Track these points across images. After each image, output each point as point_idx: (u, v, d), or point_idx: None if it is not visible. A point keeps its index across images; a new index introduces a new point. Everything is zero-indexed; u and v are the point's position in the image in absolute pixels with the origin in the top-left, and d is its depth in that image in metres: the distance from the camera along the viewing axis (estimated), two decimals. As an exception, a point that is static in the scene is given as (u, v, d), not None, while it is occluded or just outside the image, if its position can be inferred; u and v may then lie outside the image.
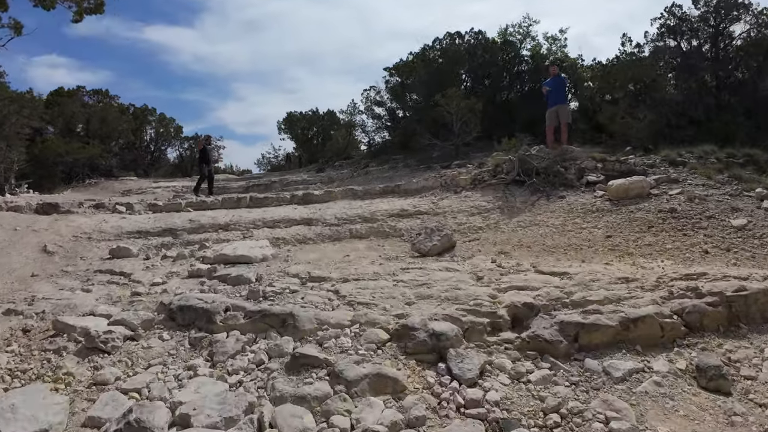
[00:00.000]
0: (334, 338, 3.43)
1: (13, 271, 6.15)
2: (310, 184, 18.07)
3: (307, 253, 7.17)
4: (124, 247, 7.11)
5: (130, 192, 18.32)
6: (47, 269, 6.38)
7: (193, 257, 6.63)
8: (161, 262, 6.58)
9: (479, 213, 8.26)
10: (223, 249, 6.33)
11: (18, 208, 9.75)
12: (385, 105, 20.53)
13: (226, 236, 8.77)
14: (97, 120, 22.57)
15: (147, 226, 9.35)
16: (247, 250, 6.15)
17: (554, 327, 3.64)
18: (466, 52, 19.73)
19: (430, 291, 4.15)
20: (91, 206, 10.58)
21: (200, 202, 11.44)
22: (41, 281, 5.87)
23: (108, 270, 6.24)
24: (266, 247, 6.51)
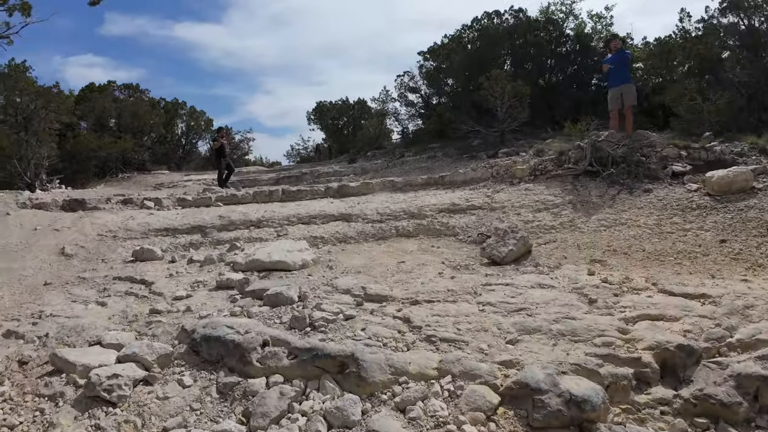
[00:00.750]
0: (421, 400, 2.39)
1: (24, 278, 5.36)
2: (343, 176, 17.10)
3: (351, 256, 6.15)
4: (148, 248, 6.26)
5: (162, 186, 17.78)
6: (63, 275, 5.57)
7: (222, 262, 5.70)
8: (187, 267, 5.68)
9: (547, 209, 7.06)
10: (256, 253, 5.37)
11: (43, 205, 9.09)
12: (419, 91, 19.31)
13: (259, 234, 7.86)
14: (129, 114, 22.15)
15: (175, 222, 8.54)
16: (284, 254, 5.16)
17: (729, 382, 2.49)
18: (506, 32, 18.26)
19: (535, 321, 3.06)
20: (118, 202, 9.85)
21: (231, 196, 10.58)
22: (53, 291, 5.05)
23: (128, 277, 5.38)
24: (305, 251, 5.52)
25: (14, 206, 8.62)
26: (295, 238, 7.35)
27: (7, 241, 6.30)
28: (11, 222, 7.17)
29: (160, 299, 4.45)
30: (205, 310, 4.07)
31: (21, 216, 7.55)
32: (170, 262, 6.16)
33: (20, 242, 6.42)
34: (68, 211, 9.15)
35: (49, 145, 15.15)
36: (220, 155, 14.76)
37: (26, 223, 7.32)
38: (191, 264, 5.84)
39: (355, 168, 18.08)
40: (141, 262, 6.06)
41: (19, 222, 7.20)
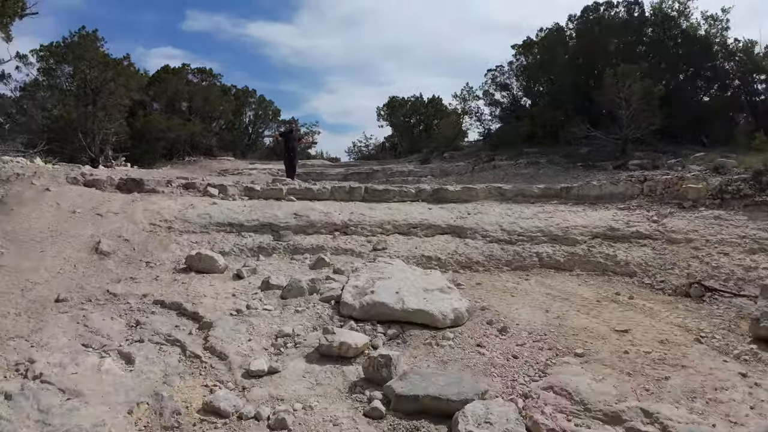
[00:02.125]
0: None
1: (32, 287, 3.58)
2: (421, 176, 14.97)
3: (506, 300, 4.01)
4: (207, 255, 4.37)
5: (227, 172, 16.38)
6: (87, 287, 3.76)
7: (316, 294, 3.69)
8: (263, 297, 3.72)
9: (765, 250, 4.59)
10: (375, 288, 3.33)
11: (96, 183, 7.55)
12: (510, 88, 16.82)
13: (348, 244, 5.86)
14: (200, 98, 21.16)
15: (241, 216, 6.75)
16: (422, 297, 3.11)
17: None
18: (619, 26, 15.45)
19: None
20: (180, 186, 8.18)
21: (305, 190, 8.68)
22: (64, 316, 3.22)
23: (175, 304, 3.48)
24: (449, 290, 3.42)
25: (62, 181, 7.09)
26: (401, 255, 5.27)
27: (30, 226, 4.61)
28: (47, 201, 5.52)
29: (223, 369, 2.51)
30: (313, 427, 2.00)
31: (62, 194, 5.92)
32: (236, 277, 4.24)
33: (48, 229, 4.71)
34: (123, 191, 7.56)
35: (117, 121, 14.08)
36: (288, 146, 13.20)
37: (65, 203, 5.66)
38: (268, 292, 3.84)
39: (432, 169, 15.90)
40: (196, 275, 4.18)
41: (56, 201, 5.54)
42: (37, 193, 5.84)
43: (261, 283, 3.93)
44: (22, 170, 6.70)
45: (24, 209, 5.06)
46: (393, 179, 14.82)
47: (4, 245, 4.13)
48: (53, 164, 9.52)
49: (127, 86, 13.18)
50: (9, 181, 6.00)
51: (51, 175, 7.27)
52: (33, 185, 6.24)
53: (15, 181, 6.14)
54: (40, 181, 6.52)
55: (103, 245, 4.54)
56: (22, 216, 4.88)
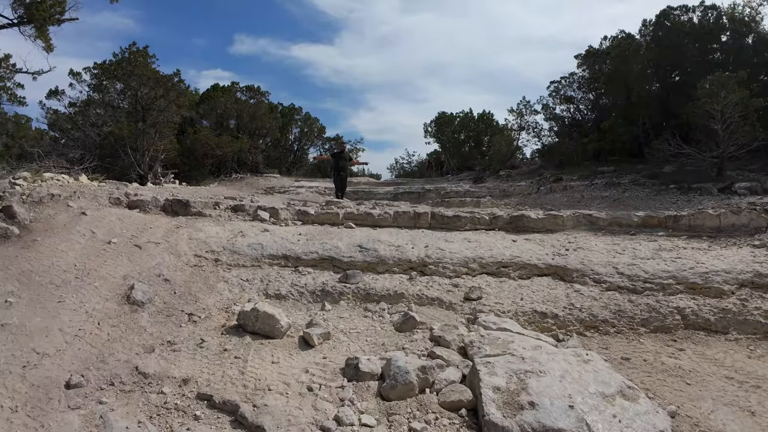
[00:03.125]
0: None
1: (37, 360, 2.60)
2: (478, 197, 13.67)
3: (682, 389, 2.78)
4: (265, 314, 3.30)
5: (273, 189, 15.67)
6: (110, 360, 2.74)
7: (431, 392, 2.55)
8: (356, 399, 2.55)
9: None
10: (530, 390, 2.17)
11: (140, 204, 6.74)
12: (576, 101, 15.34)
13: (431, 289, 4.69)
14: (248, 115, 20.82)
15: (297, 247, 5.70)
16: (608, 417, 1.85)
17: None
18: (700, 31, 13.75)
19: None
20: (228, 208, 7.28)
21: (365, 214, 7.60)
22: (75, 413, 2.21)
23: (227, 404, 2.42)
24: (633, 393, 2.17)
25: (103, 202, 6.29)
26: (507, 311, 4.04)
27: (53, 263, 3.69)
28: (81, 228, 4.63)
29: None
30: None
31: (99, 219, 5.04)
32: (304, 344, 3.15)
33: (74, 267, 3.77)
34: (168, 213, 6.72)
35: (167, 138, 13.66)
36: (338, 165, 12.33)
37: (101, 230, 4.77)
38: (360, 385, 2.63)
39: (489, 189, 14.57)
40: (252, 339, 3.11)
41: (91, 228, 4.65)
42: (70, 218, 4.98)
43: (345, 366, 2.76)
44: (60, 190, 5.91)
45: (50, 239, 4.16)
46: (448, 200, 13.60)
47: (15, 291, 3.19)
48: (99, 182, 8.93)
49: (178, 102, 12.70)
50: (41, 203, 5.18)
51: (93, 195, 6.50)
52: (69, 208, 5.41)
53: (49, 202, 5.32)
54: (78, 203, 5.70)
55: (137, 292, 3.55)
56: (47, 248, 3.98)
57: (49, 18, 7.20)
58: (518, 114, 18.15)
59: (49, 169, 8.18)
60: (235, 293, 4.46)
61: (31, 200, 5.34)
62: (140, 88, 11.38)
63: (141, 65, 11.23)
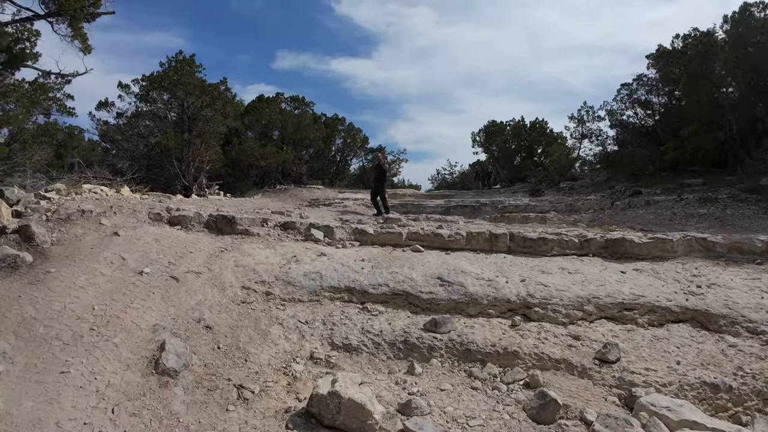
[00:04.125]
0: None
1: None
2: (542, 212, 12.22)
3: None
4: (352, 402, 2.23)
5: (318, 202, 14.81)
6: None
7: None
8: None
9: None
10: None
11: (182, 220, 5.90)
12: (652, 106, 13.67)
13: (546, 343, 3.49)
14: (292, 125, 20.26)
15: (362, 278, 4.63)
16: None
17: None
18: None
19: None
20: (277, 226, 6.34)
21: (432, 235, 6.46)
22: None
23: None
24: None
25: (142, 218, 5.46)
26: (666, 383, 2.76)
27: (65, 306, 2.77)
28: (109, 253, 3.73)
29: None
30: None
31: (133, 241, 4.13)
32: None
33: (92, 311, 2.84)
34: (212, 231, 5.83)
35: (213, 149, 13.11)
36: (381, 178, 11.16)
37: (134, 255, 3.85)
38: None
39: (553, 203, 13.08)
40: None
41: (121, 253, 3.74)
42: (100, 240, 4.10)
43: None
44: (94, 205, 5.11)
45: (69, 270, 3.26)
46: (508, 215, 12.23)
47: (8, 351, 2.26)
48: (142, 194, 8.28)
49: (224, 112, 12.08)
50: (69, 221, 4.35)
51: (131, 210, 5.69)
52: (100, 226, 4.55)
53: (78, 220, 4.48)
54: (112, 220, 4.85)
55: (169, 355, 2.54)
56: (61, 284, 3.07)
57: (81, 10, 6.60)
58: (579, 121, 16.55)
59: (89, 180, 7.55)
60: (294, 342, 3.41)
61: (58, 217, 4.53)
62: (186, 97, 10.82)
63: (187, 74, 10.69)
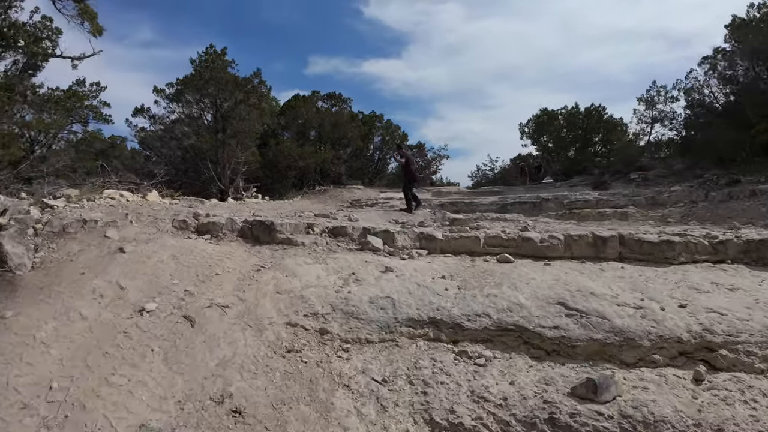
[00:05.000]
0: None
1: None
2: (619, 208, 10.44)
3: None
4: None
5: (359, 202, 13.58)
6: None
7: None
8: None
9: None
10: None
11: (212, 228, 4.77)
12: (737, 81, 11.54)
13: (757, 409, 1.82)
14: (330, 123, 19.19)
15: (448, 303, 3.28)
16: None
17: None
18: None
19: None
20: (324, 232, 5.08)
21: (518, 240, 5.00)
22: None
23: None
24: None
25: (164, 226, 4.35)
26: None
27: (6, 384, 1.49)
28: (104, 279, 2.54)
29: None
30: None
31: (143, 258, 2.95)
32: None
33: (45, 395, 1.62)
34: (247, 240, 4.66)
35: (249, 149, 12.13)
36: (407, 172, 9.81)
37: (139, 281, 2.66)
38: None
39: (630, 197, 11.24)
40: None
41: (120, 280, 2.55)
42: (98, 259, 2.95)
43: None
44: (104, 213, 4.02)
45: (36, 310, 2.15)
46: (578, 212, 10.53)
47: None
48: (172, 199, 7.29)
49: (259, 108, 11.01)
50: (64, 235, 3.25)
51: (151, 218, 4.58)
52: (105, 240, 3.41)
53: (77, 232, 3.35)
54: (122, 232, 3.70)
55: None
56: (14, 338, 1.98)
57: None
58: (648, 103, 14.48)
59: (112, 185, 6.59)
60: (372, 421, 2.09)
61: (49, 231, 3.42)
62: (218, 94, 9.81)
63: (219, 69, 9.67)
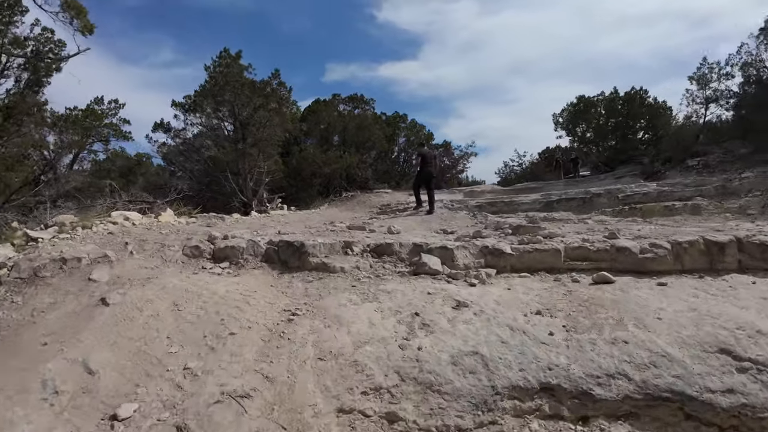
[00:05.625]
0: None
1: None
2: (685, 200, 9.11)
3: None
4: None
5: (389, 207, 12.56)
6: None
7: None
8: None
9: None
10: None
11: (231, 254, 3.90)
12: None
13: None
14: (354, 126, 18.32)
15: (560, 356, 2.20)
16: None
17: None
18: None
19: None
20: (366, 251, 4.12)
21: (613, 251, 3.87)
22: None
23: None
24: None
25: (172, 255, 3.48)
26: None
27: None
28: (66, 357, 1.54)
29: None
30: None
31: (130, 316, 1.99)
32: None
33: None
34: (274, 266, 3.76)
35: (272, 158, 11.32)
36: (421, 173, 8.75)
37: (116, 357, 1.62)
38: None
39: (694, 187, 9.87)
40: None
41: (89, 357, 1.57)
42: (68, 319, 2.06)
43: None
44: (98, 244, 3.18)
45: None
46: (639, 207, 9.23)
47: None
48: (189, 217, 6.49)
49: (280, 113, 10.16)
50: (35, 281, 2.42)
51: (158, 245, 3.72)
52: (87, 285, 2.56)
53: (54, 276, 2.50)
54: (114, 270, 2.81)
55: None
56: None
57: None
58: (700, 81, 12.96)
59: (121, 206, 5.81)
60: None
61: (16, 276, 2.56)
62: (235, 100, 9.01)
63: (233, 74, 8.87)
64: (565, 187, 13.82)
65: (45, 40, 6.91)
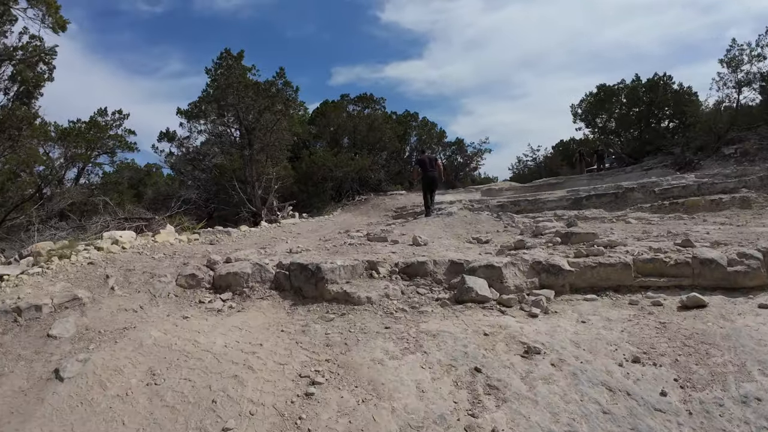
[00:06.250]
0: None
1: None
2: (732, 192, 8.27)
3: None
4: None
5: (405, 210, 11.84)
6: None
7: None
8: None
9: None
10: None
11: (233, 282, 3.26)
12: None
13: None
14: (365, 126, 17.64)
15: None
16: None
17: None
18: None
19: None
20: (394, 274, 3.41)
21: (697, 264, 3.09)
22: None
23: None
24: None
25: (163, 288, 2.84)
26: None
27: None
28: None
29: None
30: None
31: (97, 396, 1.30)
32: None
33: None
34: (285, 296, 3.15)
35: (281, 164, 10.71)
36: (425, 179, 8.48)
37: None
38: None
39: (736, 178, 9.01)
40: None
41: None
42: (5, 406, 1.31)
43: None
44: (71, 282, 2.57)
45: None
46: (680, 201, 8.38)
47: None
48: (191, 233, 5.87)
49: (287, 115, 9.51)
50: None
51: (148, 275, 3.10)
52: (47, 343, 1.96)
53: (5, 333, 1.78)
54: (84, 319, 2.17)
55: None
56: None
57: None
58: (731, 64, 12.00)
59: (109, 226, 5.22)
60: None
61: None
62: (239, 103, 8.38)
63: (235, 75, 8.22)
64: (589, 182, 12.97)
65: (35, 49, 6.39)
